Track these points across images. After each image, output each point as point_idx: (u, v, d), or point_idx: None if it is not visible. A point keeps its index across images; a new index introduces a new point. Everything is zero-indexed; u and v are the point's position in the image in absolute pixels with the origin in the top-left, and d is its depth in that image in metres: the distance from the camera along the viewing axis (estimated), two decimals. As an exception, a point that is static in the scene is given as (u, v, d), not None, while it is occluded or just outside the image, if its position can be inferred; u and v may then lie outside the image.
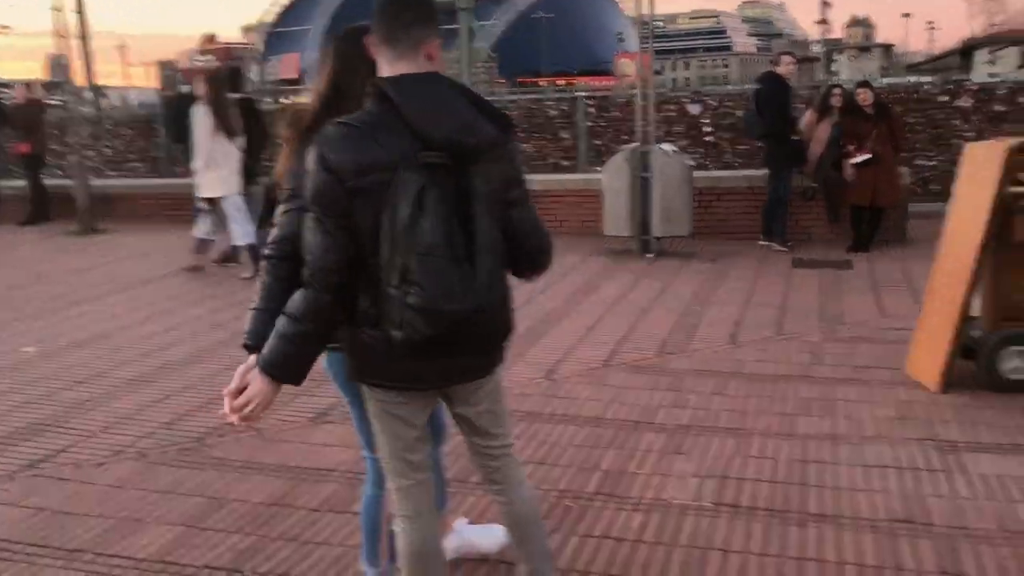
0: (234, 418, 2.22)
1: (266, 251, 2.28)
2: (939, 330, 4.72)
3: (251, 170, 8.34)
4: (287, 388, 2.23)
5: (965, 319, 4.65)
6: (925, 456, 3.82)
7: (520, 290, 2.71)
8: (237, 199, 7.94)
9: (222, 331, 6.31)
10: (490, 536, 3.06)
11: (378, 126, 2.06)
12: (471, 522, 3.25)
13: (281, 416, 4.54)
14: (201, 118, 7.81)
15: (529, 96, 16.17)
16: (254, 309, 2.28)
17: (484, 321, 2.09)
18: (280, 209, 2.30)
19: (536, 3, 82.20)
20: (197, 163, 7.93)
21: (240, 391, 2.20)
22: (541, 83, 73.98)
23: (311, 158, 2.10)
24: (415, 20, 2.14)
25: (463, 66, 25.12)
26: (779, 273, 7.72)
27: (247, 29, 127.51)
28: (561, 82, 73.87)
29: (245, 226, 7.98)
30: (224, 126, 7.79)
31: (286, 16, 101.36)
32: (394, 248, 1.99)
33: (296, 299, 2.14)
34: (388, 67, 2.14)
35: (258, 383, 2.18)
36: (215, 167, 7.85)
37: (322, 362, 2.47)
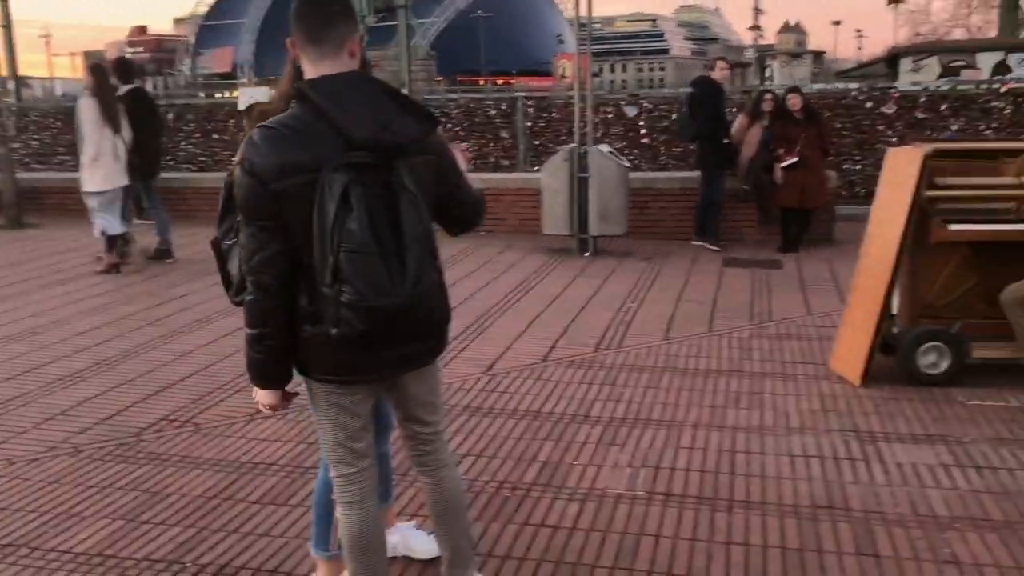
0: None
1: None
2: (861, 327, 4.93)
3: (145, 163, 8.30)
4: (223, 386, 2.30)
5: (885, 316, 4.88)
6: (846, 446, 4.01)
7: (460, 288, 2.81)
8: (111, 194, 7.90)
9: (158, 327, 6.24)
10: (429, 544, 3.04)
11: (301, 128, 2.12)
12: (418, 527, 3.24)
13: (219, 412, 4.54)
14: (87, 110, 7.77)
15: (469, 95, 16.25)
16: None
17: (417, 313, 2.15)
18: None
19: (475, 2, 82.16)
20: (85, 156, 7.87)
21: None
22: (480, 82, 74.04)
23: (237, 162, 2.15)
24: (336, 19, 2.19)
25: (402, 63, 25.07)
26: (711, 272, 7.94)
27: (179, 21, 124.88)
28: (500, 81, 74.08)
29: (109, 219, 7.94)
30: (110, 118, 7.74)
31: (218, 9, 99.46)
32: (324, 247, 2.05)
33: (244, 306, 2.20)
34: (312, 68, 2.21)
35: (257, 391, 2.32)
36: (102, 161, 7.80)
37: None
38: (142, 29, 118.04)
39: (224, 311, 6.59)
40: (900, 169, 4.92)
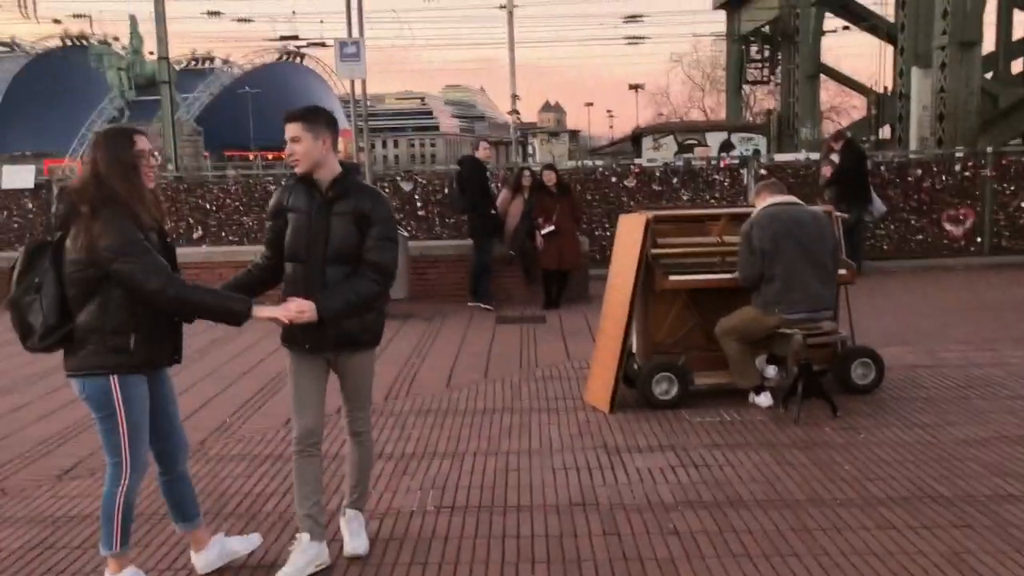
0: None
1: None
2: (607, 364, 5.88)
3: None
4: (23, 455, 2.77)
5: (626, 354, 5.86)
6: (597, 458, 4.86)
7: (254, 351, 3.48)
8: None
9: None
10: (248, 542, 3.69)
11: None
12: (227, 534, 3.77)
13: (25, 477, 4.69)
14: None
15: (244, 172, 16.41)
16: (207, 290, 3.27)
17: None
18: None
19: (242, 79, 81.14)
20: None
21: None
22: (251, 157, 72.88)
23: (388, 214, 3.52)
24: None
25: (166, 139, 24.69)
26: (486, 329, 8.79)
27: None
28: (271, 156, 73.29)
29: None
30: None
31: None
32: None
33: (368, 291, 3.40)
34: (334, 157, 3.49)
35: (306, 313, 3.32)
36: None
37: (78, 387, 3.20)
38: None
39: (2, 388, 6.57)
40: (630, 232, 5.97)
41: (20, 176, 12.01)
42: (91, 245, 3.06)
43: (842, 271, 5.92)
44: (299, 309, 3.30)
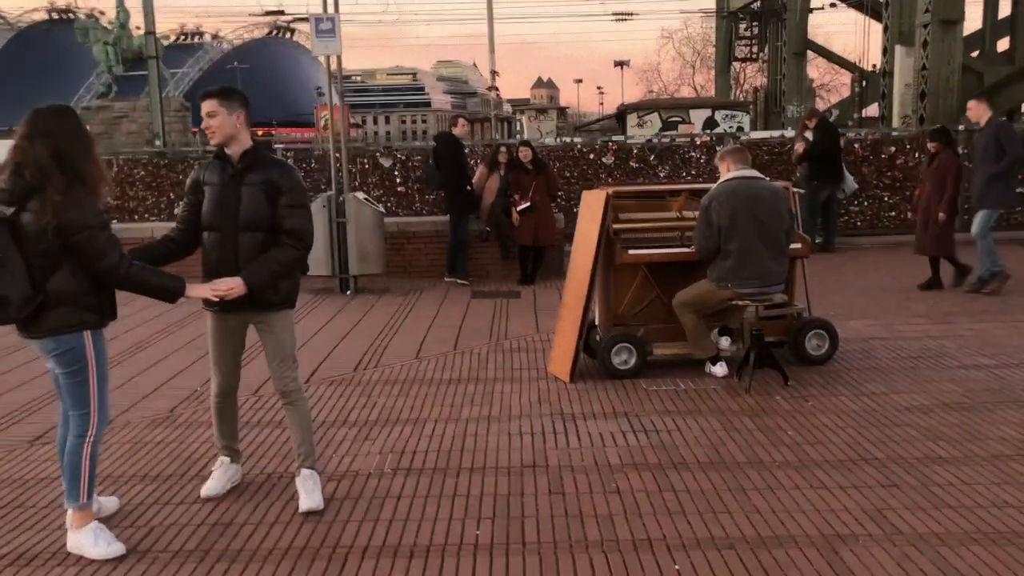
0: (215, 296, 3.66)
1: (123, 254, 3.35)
2: (569, 335, 6.06)
3: None
4: (9, 414, 2.90)
5: (587, 325, 6.04)
6: (552, 424, 5.05)
7: None
8: None
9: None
10: (110, 502, 3.97)
11: None
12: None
13: (-3, 442, 4.86)
14: None
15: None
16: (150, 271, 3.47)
17: None
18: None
19: (231, 54, 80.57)
20: None
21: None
22: (240, 133, 72.42)
23: (297, 183, 3.81)
24: None
25: (154, 115, 24.67)
26: (460, 303, 8.96)
27: None
28: (260, 132, 72.97)
29: None
30: None
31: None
32: None
33: (293, 259, 3.78)
34: (247, 133, 3.76)
35: (238, 289, 3.65)
36: None
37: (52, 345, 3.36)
38: None
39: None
40: (592, 206, 6.13)
41: (3, 151, 12.05)
42: (59, 221, 3.25)
43: (797, 245, 6.10)
44: (227, 286, 3.63)
